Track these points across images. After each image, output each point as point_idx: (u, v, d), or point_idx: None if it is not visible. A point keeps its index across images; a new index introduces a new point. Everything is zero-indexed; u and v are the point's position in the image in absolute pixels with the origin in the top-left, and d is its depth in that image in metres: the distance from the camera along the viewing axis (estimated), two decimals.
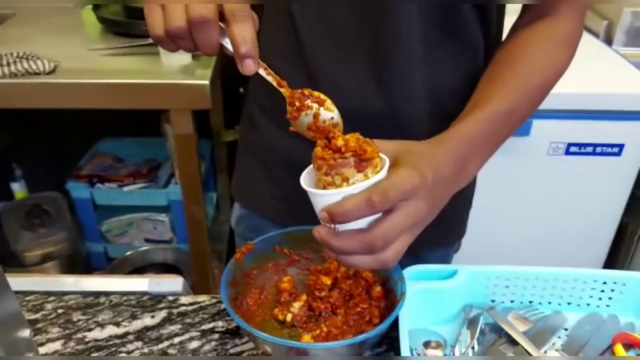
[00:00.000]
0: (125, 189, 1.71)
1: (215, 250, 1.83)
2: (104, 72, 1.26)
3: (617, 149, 1.31)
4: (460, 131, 0.60)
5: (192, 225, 1.46)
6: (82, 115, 1.43)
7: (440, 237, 0.87)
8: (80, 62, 1.30)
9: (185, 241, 1.79)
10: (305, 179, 0.54)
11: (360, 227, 0.51)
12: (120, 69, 1.29)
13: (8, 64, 1.19)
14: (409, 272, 0.69)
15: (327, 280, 0.66)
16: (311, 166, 0.54)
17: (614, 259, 1.49)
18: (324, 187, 0.52)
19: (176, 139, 1.31)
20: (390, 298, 0.65)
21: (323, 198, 0.51)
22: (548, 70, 0.68)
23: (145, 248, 1.79)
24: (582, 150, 1.32)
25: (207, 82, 1.21)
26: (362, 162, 0.50)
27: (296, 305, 0.65)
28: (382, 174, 0.51)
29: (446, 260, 0.93)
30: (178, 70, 1.28)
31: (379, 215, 0.51)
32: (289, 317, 0.65)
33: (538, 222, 1.42)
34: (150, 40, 1.35)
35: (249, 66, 0.52)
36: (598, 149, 1.32)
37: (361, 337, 0.57)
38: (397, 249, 0.52)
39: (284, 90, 0.55)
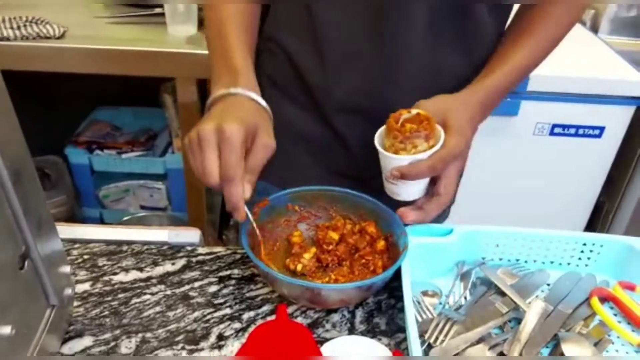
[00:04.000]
0: (124, 156, 1.74)
1: (209, 219, 1.89)
2: (111, 39, 1.30)
3: (598, 131, 1.40)
4: (487, 85, 0.74)
5: (191, 193, 1.51)
6: (79, 83, 1.46)
7: None
8: (88, 29, 1.33)
9: (179, 209, 1.84)
10: (377, 140, 0.71)
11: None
12: (127, 37, 1.32)
13: (19, 27, 1.22)
14: (409, 229, 0.76)
15: (335, 235, 0.73)
16: (382, 130, 0.71)
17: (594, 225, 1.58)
18: (396, 152, 0.68)
19: (180, 107, 1.35)
20: (393, 251, 0.71)
21: (396, 161, 0.68)
22: (559, 28, 0.77)
23: (141, 214, 1.84)
24: (566, 131, 1.40)
25: None
26: (429, 133, 0.67)
27: (306, 257, 0.72)
28: (440, 143, 0.68)
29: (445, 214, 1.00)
30: (184, 40, 1.32)
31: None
32: (299, 267, 0.71)
33: (521, 198, 1.50)
34: (157, 10, 1.40)
35: (238, 217, 0.65)
36: (580, 131, 1.40)
37: (368, 281, 0.64)
38: (451, 193, 0.72)
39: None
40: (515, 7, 0.81)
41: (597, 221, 1.56)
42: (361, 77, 0.79)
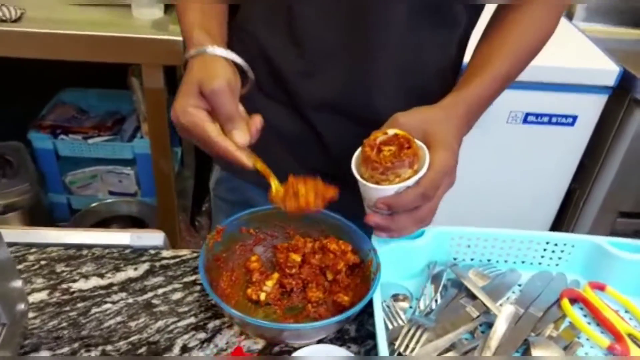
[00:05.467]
0: (90, 141, 1.69)
1: (180, 205, 1.85)
2: (73, 23, 1.23)
3: (571, 120, 1.39)
4: (469, 94, 0.69)
5: (160, 179, 1.47)
6: (44, 64, 1.40)
7: None
8: (47, 11, 1.26)
9: (150, 195, 1.80)
10: (354, 166, 0.65)
11: None
12: (90, 20, 1.26)
13: None
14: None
15: (297, 257, 0.70)
16: (358, 154, 0.65)
17: (561, 221, 1.59)
18: (377, 182, 0.62)
19: (146, 93, 1.31)
20: (362, 269, 0.69)
21: (380, 192, 0.62)
22: (540, 32, 0.74)
23: (110, 200, 1.79)
24: (539, 120, 1.39)
25: (179, 38, 1.21)
26: (413, 159, 0.61)
27: (269, 284, 0.69)
28: (426, 164, 0.62)
29: None
30: (150, 25, 1.26)
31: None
32: (262, 296, 0.69)
33: (494, 184, 1.50)
34: None
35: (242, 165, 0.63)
36: (553, 119, 1.39)
37: (343, 315, 0.61)
38: (434, 213, 0.66)
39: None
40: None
41: (569, 207, 1.58)
42: (339, 74, 0.76)
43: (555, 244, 0.77)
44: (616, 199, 1.48)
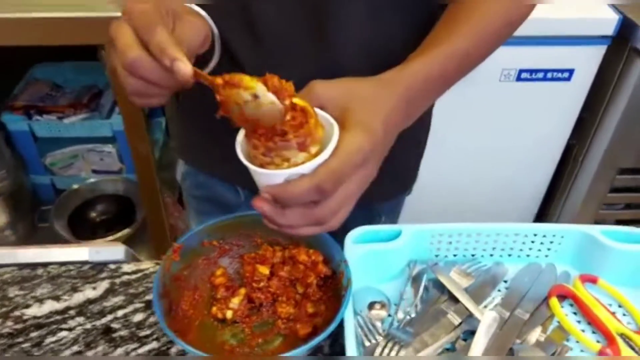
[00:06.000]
0: (66, 120, 1.62)
1: (166, 179, 1.80)
2: (27, 3, 1.14)
3: (567, 74, 1.31)
4: (414, 70, 0.56)
5: (138, 160, 1.41)
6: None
7: (393, 189, 0.87)
8: None
9: (135, 171, 1.74)
10: (242, 146, 0.50)
11: None
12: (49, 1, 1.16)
13: None
14: (354, 234, 0.69)
15: (265, 270, 0.65)
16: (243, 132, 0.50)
17: (559, 179, 1.53)
18: (261, 165, 0.48)
19: (112, 74, 1.22)
20: (334, 279, 0.64)
21: (266, 177, 0.48)
22: (511, 11, 0.63)
23: (93, 180, 1.74)
24: (533, 76, 1.31)
25: None
26: (305, 140, 0.46)
27: (235, 301, 0.64)
28: (331, 146, 0.47)
29: (398, 207, 0.93)
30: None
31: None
32: (229, 314, 0.64)
33: (488, 146, 1.43)
34: None
35: (181, 69, 0.45)
36: (549, 75, 1.31)
37: (315, 340, 0.55)
38: (344, 215, 0.51)
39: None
40: None
41: (567, 164, 1.51)
42: (300, 62, 0.68)
43: (544, 235, 0.72)
44: (616, 155, 1.41)
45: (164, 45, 0.45)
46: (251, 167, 0.48)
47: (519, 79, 1.31)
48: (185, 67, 0.45)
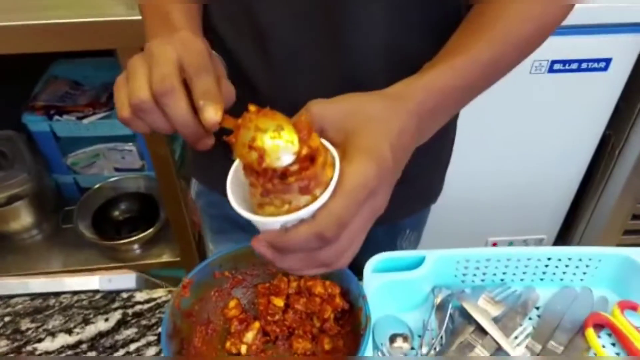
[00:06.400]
0: (85, 121, 1.60)
1: (188, 175, 1.78)
2: (35, 8, 1.11)
3: (603, 64, 1.22)
4: (431, 81, 0.49)
5: (157, 162, 1.39)
6: None
7: (417, 205, 0.82)
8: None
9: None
10: (234, 182, 0.44)
11: None
12: (54, 3, 1.13)
13: None
14: (373, 262, 0.65)
15: (279, 302, 0.62)
16: (237, 164, 0.45)
17: (595, 172, 1.46)
18: (259, 204, 0.42)
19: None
20: (352, 314, 0.61)
21: (262, 225, 0.42)
22: (543, 17, 0.56)
23: (115, 178, 1.72)
24: (567, 67, 1.23)
25: None
26: (309, 184, 0.40)
27: (249, 336, 0.61)
28: (328, 191, 0.40)
29: (424, 217, 0.88)
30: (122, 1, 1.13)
31: None
32: (243, 348, 0.61)
33: (519, 140, 1.36)
34: None
35: (209, 114, 0.42)
36: (583, 65, 1.23)
37: None
38: (352, 254, 0.46)
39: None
40: None
41: (603, 156, 1.43)
42: (314, 79, 0.64)
43: (580, 259, 0.67)
44: None
45: (212, 88, 0.43)
46: (243, 212, 0.42)
47: (551, 70, 1.23)
48: (215, 115, 0.43)
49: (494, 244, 1.54)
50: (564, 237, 1.59)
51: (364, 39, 0.60)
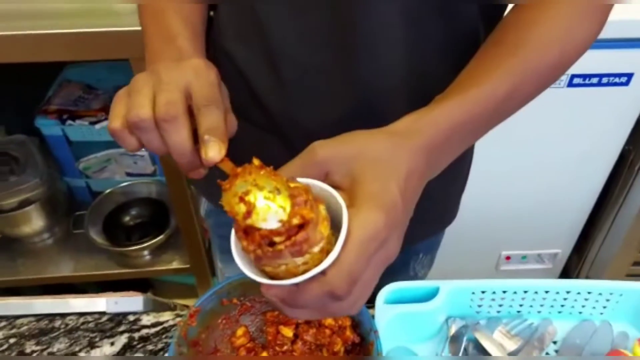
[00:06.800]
0: (98, 126, 1.60)
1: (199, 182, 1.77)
2: (42, 15, 1.10)
3: (625, 79, 1.19)
4: (440, 115, 0.46)
5: (167, 169, 1.38)
6: None
7: (431, 229, 0.80)
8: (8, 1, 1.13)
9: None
10: (237, 246, 0.41)
11: None
12: (62, 11, 1.12)
13: None
14: (385, 293, 0.63)
15: (288, 333, 0.60)
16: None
17: (613, 187, 1.42)
18: (258, 267, 0.40)
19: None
20: (364, 348, 0.59)
21: (264, 286, 0.40)
22: (567, 44, 0.52)
23: (126, 183, 1.72)
24: (587, 81, 1.19)
25: None
26: (300, 248, 0.37)
27: None
28: (341, 240, 0.38)
29: (437, 241, 0.86)
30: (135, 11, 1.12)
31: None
32: None
33: (536, 153, 1.33)
34: None
35: (213, 152, 0.42)
36: (604, 80, 1.19)
37: None
38: (362, 303, 0.43)
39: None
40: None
41: (622, 171, 1.40)
42: (327, 101, 0.62)
43: (600, 294, 0.64)
44: None
45: (220, 126, 0.43)
46: (252, 276, 0.40)
47: (570, 84, 1.20)
48: (218, 153, 0.42)
49: (507, 258, 1.52)
50: (579, 251, 1.56)
51: (379, 61, 0.58)
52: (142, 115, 0.42)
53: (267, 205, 0.37)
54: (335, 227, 0.40)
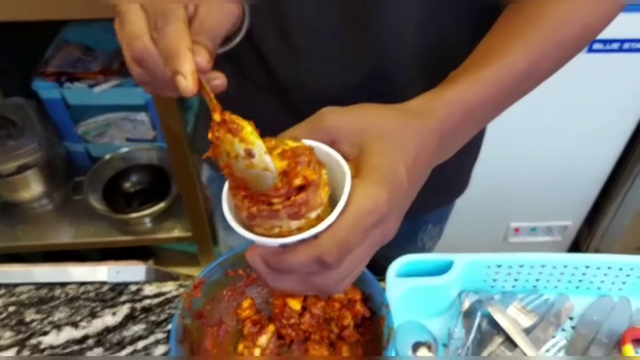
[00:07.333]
0: (97, 89, 1.56)
1: (202, 147, 1.73)
2: None
3: None
4: (456, 94, 0.44)
5: (169, 135, 1.35)
6: None
7: (441, 201, 0.77)
8: None
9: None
10: (229, 201, 0.39)
11: None
12: None
13: None
14: (397, 266, 0.61)
15: (296, 305, 0.58)
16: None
17: (627, 159, 1.39)
18: (249, 226, 0.38)
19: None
20: (374, 323, 0.57)
21: (259, 242, 0.38)
22: (590, 15, 0.49)
23: (126, 149, 1.69)
24: (607, 47, 1.15)
25: None
26: (299, 210, 0.36)
27: (263, 340, 0.58)
28: (339, 207, 0.36)
29: (447, 212, 0.83)
30: None
31: None
32: (257, 352, 0.57)
33: (550, 121, 1.29)
34: None
35: (181, 85, 0.38)
36: (626, 45, 1.15)
37: None
38: (351, 281, 0.41)
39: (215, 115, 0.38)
40: None
41: (639, 142, 1.36)
42: (339, 67, 0.58)
43: (620, 269, 0.62)
44: None
45: (171, 51, 0.38)
46: (240, 231, 0.38)
47: (590, 50, 1.15)
48: (186, 84, 0.38)
49: (516, 230, 1.49)
50: (589, 224, 1.53)
51: (393, 27, 0.54)
52: (138, 45, 0.40)
53: (249, 173, 0.35)
54: (333, 200, 0.37)
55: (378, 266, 0.59)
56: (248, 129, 0.36)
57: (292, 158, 0.36)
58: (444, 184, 0.72)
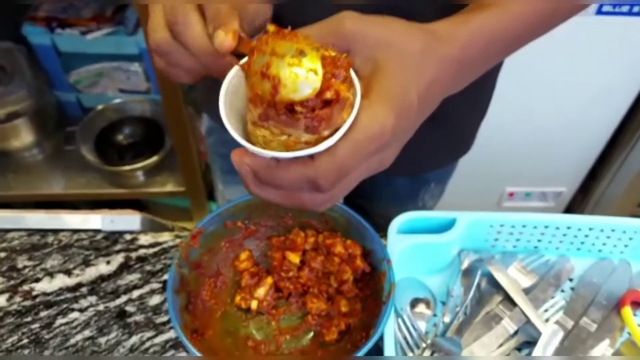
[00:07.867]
0: (89, 36, 1.51)
1: (197, 100, 1.70)
2: None
3: None
4: (476, 26, 0.41)
5: (163, 86, 1.31)
6: None
7: (446, 158, 0.75)
8: None
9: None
10: (230, 92, 0.37)
11: None
12: None
13: None
14: (399, 223, 0.60)
15: (295, 259, 0.57)
16: (237, 70, 0.37)
17: (627, 125, 1.37)
18: (254, 124, 0.35)
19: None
20: (374, 278, 0.56)
21: (251, 151, 0.36)
22: None
23: (119, 100, 1.65)
24: (617, 9, 1.12)
25: None
26: (319, 125, 0.34)
27: (261, 292, 0.57)
28: (347, 124, 0.34)
29: (450, 171, 0.81)
30: None
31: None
32: (254, 304, 0.57)
33: (552, 85, 1.26)
34: None
35: (219, 38, 0.36)
36: (635, 8, 1.12)
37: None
38: (336, 202, 0.40)
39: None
40: None
41: None
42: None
43: (624, 231, 0.61)
44: None
45: (220, 12, 0.37)
46: (234, 134, 0.36)
47: (599, 12, 1.12)
48: (224, 38, 0.36)
49: (511, 194, 1.49)
50: (583, 191, 1.53)
51: None
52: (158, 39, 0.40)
53: (293, 73, 0.32)
54: None
55: (377, 225, 0.58)
56: (305, 37, 0.33)
57: (330, 67, 0.33)
58: (448, 141, 0.70)
